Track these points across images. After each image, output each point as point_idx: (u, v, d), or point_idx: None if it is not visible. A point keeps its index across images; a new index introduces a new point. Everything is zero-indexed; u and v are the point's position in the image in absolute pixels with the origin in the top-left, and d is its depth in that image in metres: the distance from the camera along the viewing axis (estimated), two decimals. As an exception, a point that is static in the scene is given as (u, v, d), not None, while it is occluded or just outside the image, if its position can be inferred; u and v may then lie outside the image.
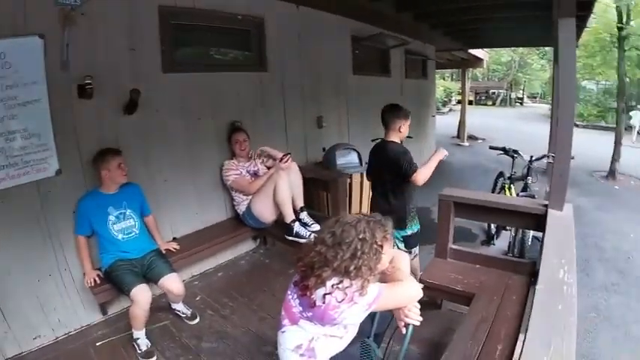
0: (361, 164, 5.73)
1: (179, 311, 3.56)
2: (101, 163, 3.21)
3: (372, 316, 2.01)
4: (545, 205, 3.15)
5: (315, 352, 1.94)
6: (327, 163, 5.60)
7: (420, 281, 3.38)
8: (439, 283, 3.29)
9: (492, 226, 5.88)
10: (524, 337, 1.79)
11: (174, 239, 4.04)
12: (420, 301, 2.04)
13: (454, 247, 3.74)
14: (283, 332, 2.00)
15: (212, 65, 4.53)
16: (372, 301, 1.86)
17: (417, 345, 3.13)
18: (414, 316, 1.97)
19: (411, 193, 3.77)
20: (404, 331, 2.01)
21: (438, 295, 3.56)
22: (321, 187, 4.98)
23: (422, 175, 3.49)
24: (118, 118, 3.55)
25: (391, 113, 3.78)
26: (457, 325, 2.75)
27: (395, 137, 3.74)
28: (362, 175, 5.49)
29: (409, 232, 3.78)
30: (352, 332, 2.06)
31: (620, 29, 10.37)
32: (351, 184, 5.29)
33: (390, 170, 3.63)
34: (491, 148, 5.80)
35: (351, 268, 1.80)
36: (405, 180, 3.55)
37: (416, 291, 2.04)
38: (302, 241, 3.97)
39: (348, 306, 1.81)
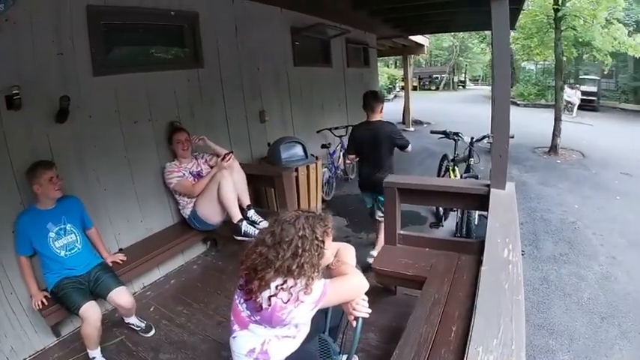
0: (306, 157, 5.70)
1: (133, 325, 3.43)
2: (32, 179, 3.02)
3: (325, 311, 1.99)
4: (488, 185, 3.22)
5: (268, 354, 1.91)
6: (272, 158, 5.51)
7: (372, 269, 3.43)
8: (391, 269, 3.32)
9: (440, 208, 5.96)
10: (473, 320, 1.80)
11: (121, 250, 3.87)
12: (374, 289, 2.04)
13: (402, 232, 3.78)
14: (234, 337, 1.96)
15: (146, 65, 4.33)
16: (319, 298, 1.84)
17: (375, 332, 3.16)
18: (362, 309, 1.96)
19: (393, 163, 4.47)
20: (354, 324, 2.00)
21: (391, 282, 3.61)
22: (267, 182, 4.92)
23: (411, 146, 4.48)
24: (50, 128, 3.35)
25: (374, 99, 4.49)
26: (413, 310, 2.76)
27: (379, 117, 4.48)
28: (308, 167, 5.46)
29: None
30: (305, 330, 2.03)
31: (556, 10, 10.69)
32: (297, 178, 5.26)
33: (386, 143, 4.36)
34: (432, 132, 5.89)
35: (294, 267, 1.78)
36: (402, 150, 4.46)
37: (362, 283, 2.02)
38: (251, 240, 3.92)
39: (295, 306, 1.78)
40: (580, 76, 25.06)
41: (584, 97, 21.44)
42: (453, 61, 39.98)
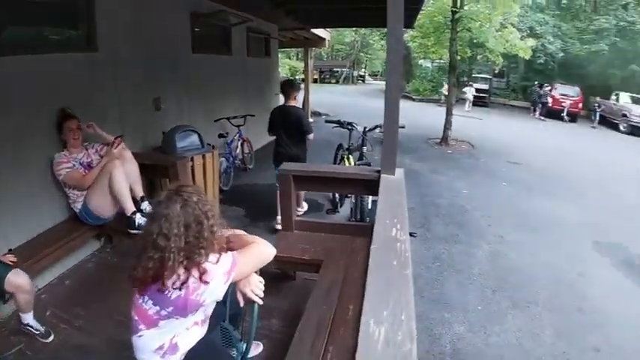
0: (203, 146, 5.55)
1: (31, 328, 3.15)
2: None
3: (224, 299, 1.98)
4: (378, 171, 3.39)
5: (177, 346, 1.88)
6: (167, 148, 5.32)
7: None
8: (288, 255, 3.37)
9: (336, 194, 6.12)
10: (365, 295, 1.86)
11: (10, 251, 3.54)
12: (274, 275, 2.06)
13: (299, 218, 3.87)
14: (140, 337, 1.88)
15: (34, 46, 3.89)
16: (230, 268, 1.83)
17: (277, 318, 3.22)
18: (259, 292, 1.97)
19: (305, 144, 5.22)
20: (242, 304, 2.00)
21: (290, 267, 3.67)
22: (162, 173, 4.76)
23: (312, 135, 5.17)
24: None
25: (291, 86, 5.24)
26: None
27: (294, 103, 5.23)
28: (204, 157, 5.34)
29: None
30: (209, 315, 2.02)
31: (454, 12, 11.44)
32: (193, 167, 5.11)
33: (297, 126, 5.08)
34: (327, 122, 6.05)
35: (193, 244, 1.75)
36: (304, 136, 5.14)
37: (269, 249, 2.05)
38: None
39: (208, 283, 1.76)
40: (473, 75, 26.88)
41: (477, 94, 23.10)
42: (354, 56, 41.03)
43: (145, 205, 4.05)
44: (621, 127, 20.49)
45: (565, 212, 7.23)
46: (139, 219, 3.83)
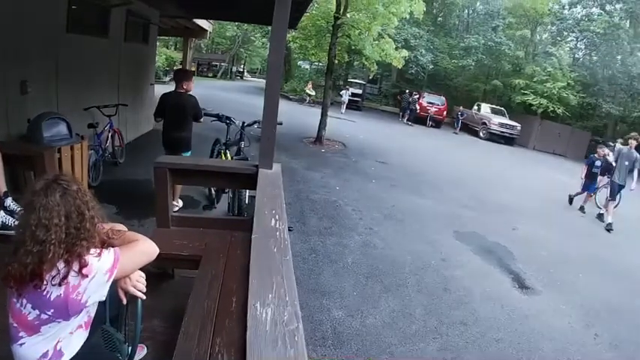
0: (71, 136, 5.16)
1: None
2: None
3: (103, 300, 1.87)
4: (256, 166, 3.46)
5: (62, 352, 1.75)
6: (33, 136, 4.84)
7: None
8: (166, 251, 3.25)
9: (212, 190, 6.04)
10: (250, 281, 1.93)
11: None
12: (152, 274, 1.99)
13: (175, 214, 3.80)
14: (22, 345, 1.71)
15: None
16: (112, 265, 1.73)
17: (159, 318, 3.12)
18: (141, 286, 1.89)
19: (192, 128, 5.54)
20: (124, 301, 1.92)
21: (168, 265, 3.58)
22: (27, 164, 4.32)
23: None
24: None
25: (184, 75, 5.64)
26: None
27: (185, 90, 5.43)
28: (72, 148, 4.96)
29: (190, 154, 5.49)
30: (92, 317, 1.91)
31: (336, 18, 11.84)
32: (60, 159, 4.73)
33: (189, 111, 5.41)
34: (205, 114, 5.96)
35: (75, 237, 1.65)
36: (196, 120, 5.51)
37: (152, 246, 1.96)
38: (12, 232, 3.44)
39: (88, 280, 1.66)
40: (349, 79, 28.01)
41: (351, 98, 24.26)
42: (234, 51, 40.51)
43: (9, 202, 3.62)
44: (481, 134, 23.66)
45: (427, 206, 8.05)
46: (3, 217, 3.46)
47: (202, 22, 13.65)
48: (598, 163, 10.08)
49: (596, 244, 7.83)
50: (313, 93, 24.77)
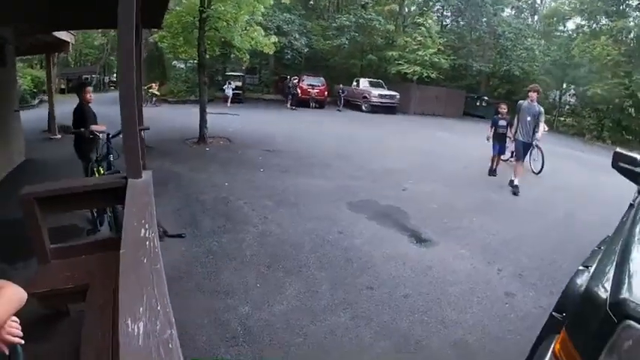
0: None
1: None
2: None
3: None
4: (125, 177, 3.32)
5: None
6: None
7: (30, 295, 3.11)
8: (49, 288, 3.07)
9: (94, 212, 5.65)
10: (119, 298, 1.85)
11: None
12: (43, 317, 1.85)
13: (53, 246, 3.55)
14: None
15: None
16: None
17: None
18: (15, 331, 1.73)
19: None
20: (7, 352, 1.75)
21: (58, 302, 3.35)
22: None
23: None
24: None
25: (81, 87, 6.10)
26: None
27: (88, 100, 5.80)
28: None
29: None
30: None
31: (201, 12, 11.56)
32: None
33: (94, 119, 5.80)
34: (67, 133, 5.60)
35: None
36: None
37: (19, 291, 1.80)
38: None
39: None
40: (227, 73, 27.66)
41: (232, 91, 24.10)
42: (104, 61, 38.40)
43: None
44: (363, 107, 24.98)
45: (319, 184, 8.26)
46: None
47: (61, 34, 12.62)
48: (502, 122, 9.90)
49: (485, 191, 8.58)
50: (158, 93, 24.02)
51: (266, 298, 4.09)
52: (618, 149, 4.06)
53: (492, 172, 10.05)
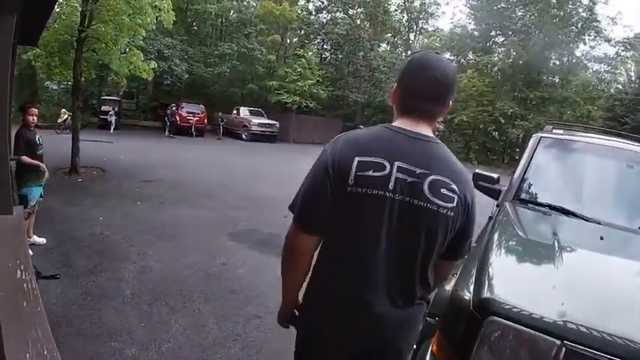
0: None
1: None
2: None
3: None
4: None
5: None
6: None
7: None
8: None
9: None
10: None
11: None
12: None
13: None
14: None
15: None
16: None
17: None
18: None
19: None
20: None
21: None
22: None
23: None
24: None
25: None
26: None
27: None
28: None
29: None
30: None
31: (80, 32, 10.98)
32: None
33: None
34: None
35: None
36: None
37: None
38: None
39: None
40: (102, 97, 26.41)
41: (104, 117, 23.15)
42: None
43: None
44: (243, 136, 25.29)
45: (200, 215, 8.26)
46: None
47: None
48: None
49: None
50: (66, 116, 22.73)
51: (152, 337, 4.00)
52: (478, 170, 4.56)
53: None
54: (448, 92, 1.63)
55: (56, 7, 9.45)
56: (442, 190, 1.54)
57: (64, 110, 22.13)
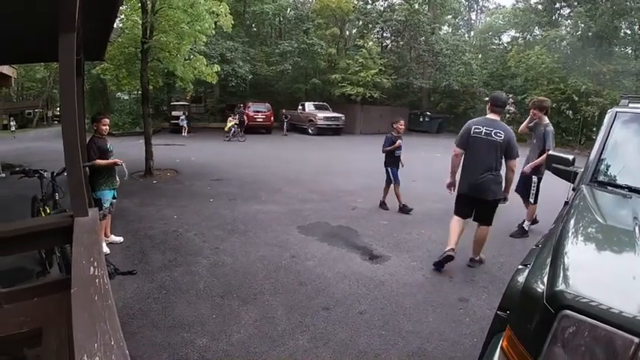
0: None
1: None
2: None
3: None
4: (72, 216, 3.29)
5: None
6: None
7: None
8: (3, 335, 2.99)
9: (43, 253, 5.54)
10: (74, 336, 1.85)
11: None
12: None
13: (3, 290, 3.46)
14: None
15: None
16: None
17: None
18: None
19: None
20: None
21: (13, 348, 3.21)
22: None
23: None
24: None
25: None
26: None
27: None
28: None
29: None
30: None
31: (143, 43, 11.51)
32: None
33: None
34: (12, 173, 5.45)
35: None
36: None
37: None
38: None
39: None
40: (172, 103, 27.46)
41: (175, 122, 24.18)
42: (47, 94, 37.25)
43: None
44: (309, 131, 25.34)
45: (269, 210, 8.36)
46: None
47: (2, 69, 12.22)
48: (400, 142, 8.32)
49: (432, 204, 8.82)
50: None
51: (223, 328, 4.07)
52: (551, 152, 4.31)
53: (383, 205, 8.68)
54: (505, 106, 4.49)
55: (118, 22, 9.85)
56: (498, 133, 5.16)
57: (230, 118, 23.13)
